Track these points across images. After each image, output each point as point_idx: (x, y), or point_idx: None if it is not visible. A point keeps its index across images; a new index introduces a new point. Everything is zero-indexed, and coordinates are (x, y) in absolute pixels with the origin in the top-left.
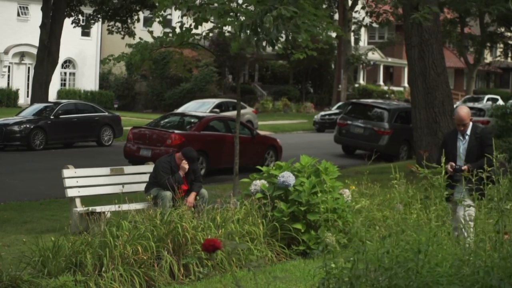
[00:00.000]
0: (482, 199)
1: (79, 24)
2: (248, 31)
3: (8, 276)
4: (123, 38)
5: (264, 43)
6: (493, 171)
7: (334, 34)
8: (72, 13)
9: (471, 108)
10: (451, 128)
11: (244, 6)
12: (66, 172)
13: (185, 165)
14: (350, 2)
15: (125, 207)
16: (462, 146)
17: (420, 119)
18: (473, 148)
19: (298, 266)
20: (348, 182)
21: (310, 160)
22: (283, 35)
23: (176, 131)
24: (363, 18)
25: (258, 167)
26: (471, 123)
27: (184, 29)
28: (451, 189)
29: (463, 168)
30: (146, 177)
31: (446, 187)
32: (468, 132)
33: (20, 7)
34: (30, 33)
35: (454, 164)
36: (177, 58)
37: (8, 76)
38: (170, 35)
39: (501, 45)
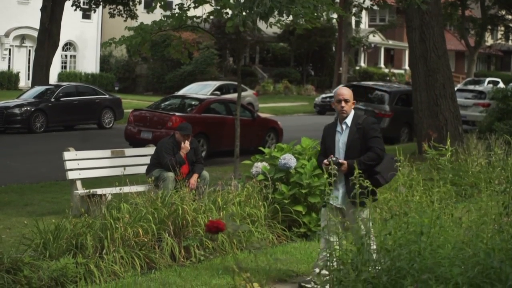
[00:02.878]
0: (364, 206)
1: (80, 7)
2: (242, 7)
3: (9, 258)
4: (125, 20)
5: (257, 19)
6: (381, 168)
7: (335, 15)
8: None
9: (472, 90)
10: (452, 111)
11: None
12: (67, 155)
13: (187, 144)
14: None
15: (126, 189)
16: (341, 139)
17: (421, 102)
18: (355, 141)
19: (299, 248)
20: None
21: (311, 142)
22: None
23: (176, 114)
24: (364, 1)
25: (261, 148)
26: (352, 111)
27: (183, 10)
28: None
29: (340, 161)
30: (147, 160)
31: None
32: (349, 122)
33: None
34: (30, 16)
35: (333, 157)
36: (175, 43)
37: (9, 59)
38: (170, 19)
39: (502, 28)
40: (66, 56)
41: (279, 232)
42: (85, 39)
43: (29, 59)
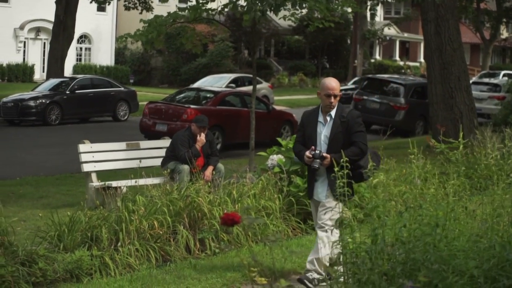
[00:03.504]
0: (348, 200)
1: (95, 0)
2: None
3: (24, 251)
4: (140, 13)
5: (268, 10)
6: (365, 163)
7: (350, 9)
8: None
9: (487, 83)
10: (467, 104)
11: None
12: (82, 147)
13: (202, 137)
14: None
15: (141, 181)
16: (324, 131)
17: (436, 94)
18: (338, 134)
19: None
20: None
21: None
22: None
23: (192, 106)
24: None
25: (278, 139)
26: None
27: (200, 3)
28: (311, 184)
29: (323, 155)
30: (162, 152)
31: (308, 183)
32: (333, 113)
33: None
34: (45, 8)
35: (314, 149)
36: (188, 34)
37: (24, 51)
38: (185, 11)
39: None
40: (81, 48)
41: (294, 225)
42: (100, 32)
43: (44, 51)
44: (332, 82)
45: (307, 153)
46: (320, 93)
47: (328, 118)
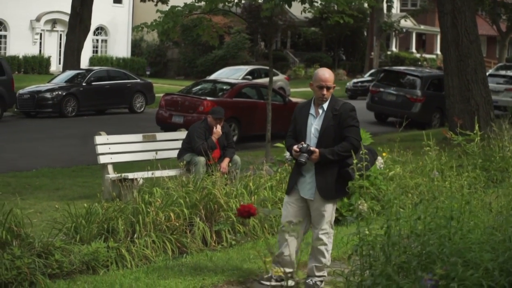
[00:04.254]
0: (333, 199)
1: None
2: None
3: (41, 242)
4: (156, 4)
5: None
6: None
7: (366, 4)
8: None
9: (503, 76)
10: (483, 96)
11: None
12: (99, 139)
13: (218, 129)
14: None
15: (157, 173)
16: (314, 124)
17: (453, 87)
18: (329, 128)
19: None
20: (381, 149)
21: None
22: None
23: (208, 98)
24: None
25: None
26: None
27: None
28: (296, 178)
29: (311, 149)
30: (178, 144)
31: (290, 178)
32: (325, 106)
33: None
34: (62, 0)
35: (304, 143)
36: (205, 26)
37: (40, 43)
38: (202, 2)
39: None
40: (97, 40)
41: None
42: (116, 24)
43: (60, 43)
44: (325, 73)
45: (295, 147)
46: (313, 84)
47: (320, 111)
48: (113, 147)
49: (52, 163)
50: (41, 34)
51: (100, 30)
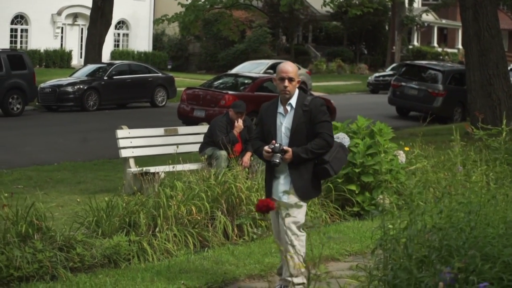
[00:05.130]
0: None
1: None
2: None
3: (62, 236)
4: None
5: None
6: (330, 157)
7: None
8: None
9: None
10: (505, 90)
11: None
12: (120, 133)
13: (240, 123)
14: None
15: (179, 167)
16: (284, 122)
17: (474, 81)
18: (301, 125)
19: (352, 227)
20: (403, 143)
21: (367, 121)
22: None
23: (229, 92)
24: None
25: None
26: (297, 91)
27: None
28: (271, 182)
29: (284, 148)
30: (200, 138)
31: (266, 183)
32: (294, 103)
33: None
34: None
35: (275, 143)
36: (226, 20)
37: (61, 37)
38: None
39: None
40: (118, 34)
41: (332, 211)
42: (137, 18)
43: (81, 37)
44: (286, 65)
45: (266, 147)
46: (276, 79)
47: (289, 108)
48: (135, 141)
49: (73, 156)
50: (62, 28)
51: (122, 24)
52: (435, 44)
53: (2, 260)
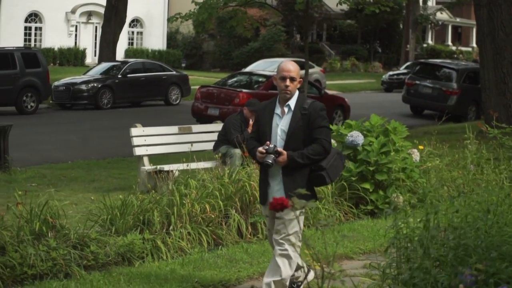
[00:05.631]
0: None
1: None
2: None
3: (76, 234)
4: None
5: None
6: (327, 164)
7: None
8: None
9: None
10: None
11: None
12: (134, 131)
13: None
14: None
15: (193, 165)
16: (280, 124)
17: (489, 80)
18: (298, 129)
19: (366, 226)
20: (417, 142)
21: (380, 119)
22: None
23: (244, 90)
24: None
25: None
26: (297, 92)
27: None
28: (264, 186)
29: (278, 149)
30: (214, 136)
31: (260, 186)
32: (292, 104)
33: None
34: None
35: (269, 143)
36: (239, 17)
37: (75, 35)
38: None
39: None
40: (133, 32)
41: (346, 210)
42: (151, 16)
43: (95, 35)
44: (288, 64)
45: (260, 148)
46: (276, 78)
47: (286, 110)
48: (149, 139)
49: (87, 154)
50: (76, 26)
51: (136, 22)
52: (449, 43)
53: (16, 258)
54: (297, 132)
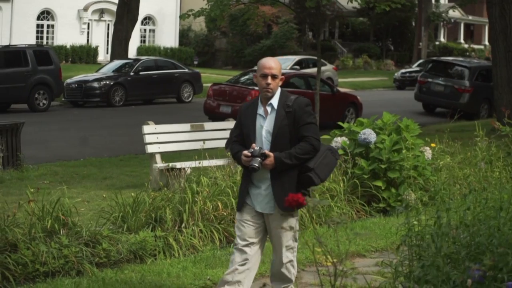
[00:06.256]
0: (294, 211)
1: None
2: None
3: (88, 231)
4: None
5: None
6: (315, 164)
7: None
8: None
9: None
10: None
11: None
12: (146, 128)
13: None
14: None
15: (205, 163)
16: (264, 126)
17: (501, 77)
18: (283, 128)
19: (378, 223)
20: (429, 140)
21: (392, 117)
22: None
23: (256, 88)
24: None
25: (339, 123)
26: (279, 90)
27: None
28: (245, 191)
29: (265, 152)
30: (226, 134)
31: (240, 191)
32: (275, 103)
33: None
34: None
35: (255, 146)
36: (251, 12)
37: (88, 33)
38: None
39: None
40: (145, 30)
41: (358, 207)
42: (164, 14)
43: (108, 33)
44: (269, 61)
45: (245, 152)
46: (256, 75)
47: (269, 109)
48: (161, 137)
49: (99, 152)
50: (88, 23)
51: (148, 19)
52: (462, 40)
53: (28, 255)
54: (282, 131)
